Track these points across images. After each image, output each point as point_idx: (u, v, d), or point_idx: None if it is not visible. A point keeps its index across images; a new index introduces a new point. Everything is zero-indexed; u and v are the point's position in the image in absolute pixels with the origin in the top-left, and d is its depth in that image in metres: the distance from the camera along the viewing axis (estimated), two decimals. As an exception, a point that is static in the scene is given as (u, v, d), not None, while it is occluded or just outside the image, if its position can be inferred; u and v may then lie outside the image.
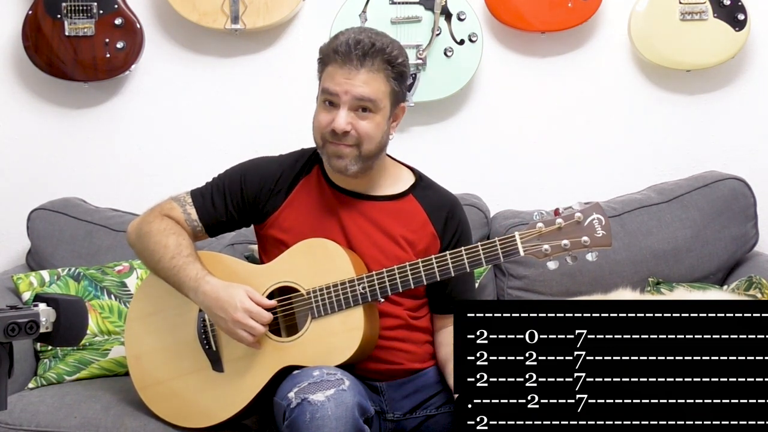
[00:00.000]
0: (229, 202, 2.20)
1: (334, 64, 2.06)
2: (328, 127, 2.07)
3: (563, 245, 1.94)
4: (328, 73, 2.07)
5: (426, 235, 2.18)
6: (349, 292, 2.04)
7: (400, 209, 2.19)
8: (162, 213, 2.21)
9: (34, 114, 3.05)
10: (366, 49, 2.03)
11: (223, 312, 2.03)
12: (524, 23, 2.93)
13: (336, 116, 2.05)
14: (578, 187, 3.01)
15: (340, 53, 2.04)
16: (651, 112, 3.05)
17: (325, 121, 2.07)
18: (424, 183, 2.24)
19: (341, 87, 2.04)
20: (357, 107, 2.05)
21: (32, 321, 1.50)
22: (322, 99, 2.09)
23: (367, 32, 2.08)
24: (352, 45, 2.03)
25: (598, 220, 1.94)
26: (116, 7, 2.90)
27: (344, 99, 2.04)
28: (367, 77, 2.04)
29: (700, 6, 2.90)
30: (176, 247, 2.13)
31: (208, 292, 2.05)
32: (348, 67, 2.03)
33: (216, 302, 2.04)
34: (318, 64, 2.13)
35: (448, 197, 2.26)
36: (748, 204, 2.79)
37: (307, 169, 2.23)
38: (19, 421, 2.24)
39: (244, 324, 2.01)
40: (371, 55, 2.04)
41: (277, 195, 2.20)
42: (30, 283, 2.60)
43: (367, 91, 2.04)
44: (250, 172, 2.23)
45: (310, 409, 1.86)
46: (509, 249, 1.98)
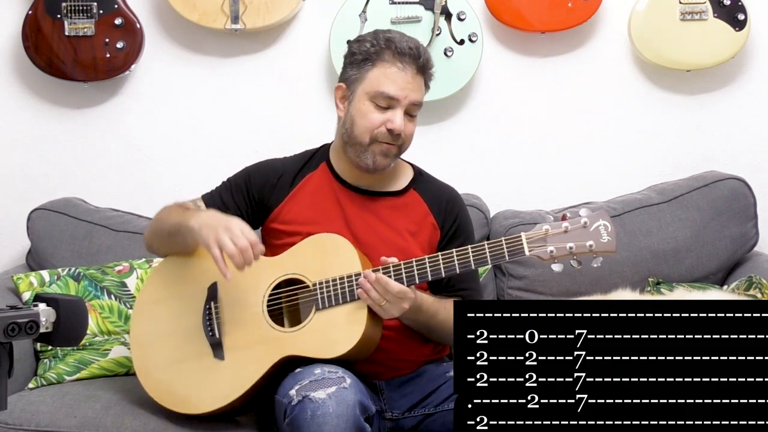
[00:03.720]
0: (237, 200, 2.26)
1: (393, 66, 2.13)
2: (381, 127, 2.13)
3: (568, 248, 1.97)
4: (385, 74, 2.13)
5: (427, 226, 2.24)
6: (355, 285, 2.05)
7: (403, 204, 2.24)
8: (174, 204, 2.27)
9: (34, 114, 3.05)
10: (426, 57, 2.16)
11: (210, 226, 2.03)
12: (524, 23, 2.93)
13: (393, 117, 2.13)
14: (578, 187, 3.02)
15: (404, 57, 2.12)
16: (651, 112, 3.05)
17: (378, 120, 2.14)
18: (423, 177, 2.31)
19: (403, 92, 2.13)
20: (409, 111, 2.16)
21: (32, 321, 1.50)
22: (372, 99, 2.14)
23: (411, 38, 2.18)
24: (414, 49, 2.14)
25: (604, 226, 1.98)
26: (116, 7, 2.90)
27: (403, 103, 2.13)
28: (421, 83, 2.17)
29: (700, 6, 2.90)
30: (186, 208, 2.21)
31: (207, 213, 2.13)
32: (410, 72, 2.13)
33: (208, 218, 2.07)
34: (360, 59, 2.16)
35: (447, 189, 2.33)
36: (748, 204, 2.79)
37: (313, 166, 2.27)
38: (19, 421, 2.24)
39: (219, 237, 2.00)
40: (427, 63, 2.16)
41: (280, 189, 2.25)
42: (30, 283, 2.60)
43: (420, 97, 2.18)
44: (255, 171, 2.30)
45: (312, 407, 1.87)
46: (515, 249, 2.00)
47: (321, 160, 2.28)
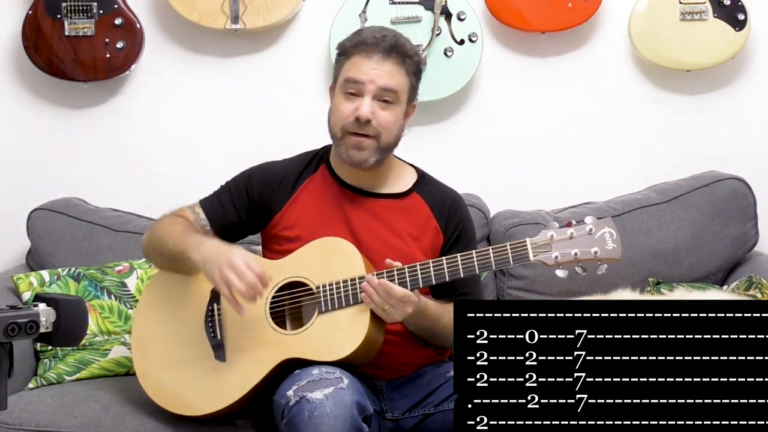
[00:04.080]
0: (236, 202, 2.23)
1: (358, 55, 2.12)
2: (350, 117, 2.10)
3: (573, 254, 1.97)
4: (353, 63, 2.13)
5: (430, 230, 2.22)
6: (358, 288, 2.04)
7: (405, 206, 2.22)
8: (173, 214, 2.24)
9: (34, 114, 3.05)
10: (392, 42, 2.12)
11: (214, 263, 2.00)
12: (524, 23, 2.93)
13: (360, 104, 2.10)
14: (578, 187, 3.02)
15: (367, 44, 2.11)
16: (651, 112, 3.05)
17: (348, 110, 2.11)
18: (426, 180, 2.29)
19: (367, 76, 2.10)
20: (380, 98, 2.11)
21: (32, 321, 1.50)
22: (343, 90, 2.13)
23: (388, 29, 2.18)
24: (379, 38, 2.12)
25: (610, 233, 1.97)
26: (116, 7, 2.90)
27: (369, 88, 2.10)
28: (391, 69, 2.12)
29: (700, 6, 2.90)
30: (185, 229, 2.15)
31: (209, 246, 2.06)
32: (375, 57, 2.11)
33: (210, 254, 2.02)
34: (337, 58, 2.19)
35: (450, 192, 2.31)
36: (748, 204, 2.79)
37: (313, 168, 2.26)
38: (19, 421, 2.24)
39: (226, 277, 1.97)
40: (396, 49, 2.12)
41: (281, 194, 2.22)
42: (30, 283, 2.60)
43: (391, 82, 2.11)
44: (255, 174, 2.27)
45: (309, 408, 1.87)
46: (520, 254, 1.99)
47: (321, 162, 2.26)
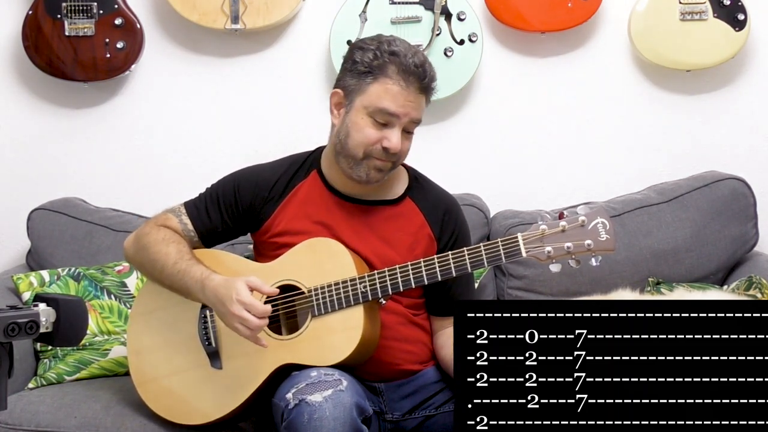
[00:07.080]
0: (224, 211, 2.20)
1: (395, 85, 2.02)
2: (377, 144, 2.05)
3: (566, 248, 1.92)
4: (387, 90, 2.03)
5: (423, 238, 2.18)
6: (350, 290, 2.03)
7: (398, 213, 2.18)
8: (158, 224, 2.20)
9: (34, 114, 3.05)
10: (431, 75, 2.06)
11: (222, 306, 2.00)
12: (524, 23, 2.93)
13: (390, 136, 2.04)
14: (578, 187, 3.02)
15: (409, 75, 2.03)
16: (651, 112, 3.05)
17: (375, 137, 2.05)
18: (419, 183, 2.24)
19: (404, 110, 2.04)
20: (406, 129, 2.07)
21: (32, 321, 1.50)
22: (371, 115, 2.05)
23: (418, 52, 2.08)
24: (420, 69, 2.03)
25: (602, 224, 1.92)
26: (116, 7, 2.90)
27: (402, 121, 2.05)
28: (422, 102, 2.08)
29: (700, 6, 2.90)
30: (177, 253, 2.12)
31: (212, 288, 2.03)
32: (413, 90, 2.04)
33: (217, 297, 2.01)
34: (361, 70, 2.06)
35: (445, 198, 2.25)
36: (748, 204, 2.79)
37: (303, 174, 2.21)
38: (19, 421, 2.24)
39: (240, 316, 1.96)
40: (430, 82, 2.06)
41: (271, 201, 2.18)
42: (30, 283, 2.60)
43: (420, 115, 2.08)
44: (244, 180, 2.21)
45: (308, 410, 1.86)
46: (511, 250, 1.96)
47: (311, 167, 2.21)
